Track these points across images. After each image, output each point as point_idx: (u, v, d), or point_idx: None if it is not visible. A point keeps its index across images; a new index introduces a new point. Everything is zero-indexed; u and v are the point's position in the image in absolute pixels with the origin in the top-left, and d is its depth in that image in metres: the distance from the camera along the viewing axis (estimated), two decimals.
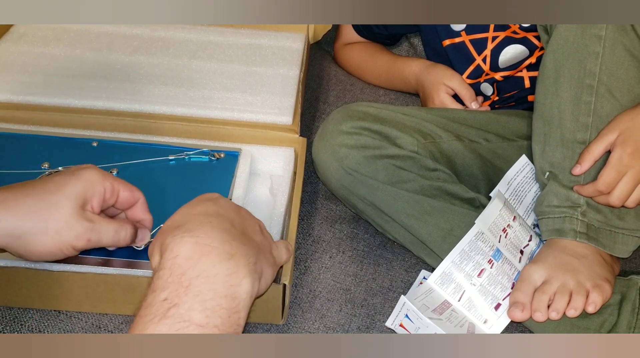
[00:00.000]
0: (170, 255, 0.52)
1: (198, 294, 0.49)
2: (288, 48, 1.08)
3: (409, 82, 1.12)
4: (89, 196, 0.62)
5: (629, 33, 0.74)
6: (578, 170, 0.76)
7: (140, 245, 0.69)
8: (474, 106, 1.02)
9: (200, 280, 0.50)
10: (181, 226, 0.54)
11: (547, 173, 0.80)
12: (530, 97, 1.02)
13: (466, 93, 1.02)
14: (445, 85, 1.03)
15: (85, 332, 0.70)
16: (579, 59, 0.76)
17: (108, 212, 0.68)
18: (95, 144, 0.84)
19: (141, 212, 0.69)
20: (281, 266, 0.69)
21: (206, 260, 0.51)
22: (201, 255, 0.52)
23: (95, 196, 0.62)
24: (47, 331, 0.69)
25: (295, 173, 0.87)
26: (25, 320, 0.70)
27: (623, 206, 0.76)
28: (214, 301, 0.49)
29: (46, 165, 0.79)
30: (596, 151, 0.75)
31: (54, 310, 0.71)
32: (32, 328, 0.69)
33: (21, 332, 0.69)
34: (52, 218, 0.59)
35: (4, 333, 0.68)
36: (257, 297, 0.56)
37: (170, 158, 0.83)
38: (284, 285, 0.69)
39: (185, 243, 0.52)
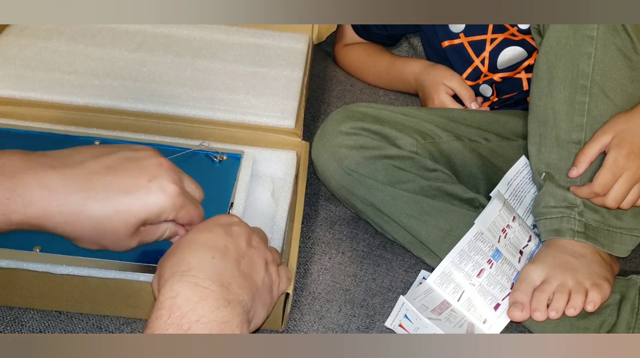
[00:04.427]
0: (170, 294, 0.52)
1: None
2: (292, 49, 1.08)
3: (408, 82, 1.12)
4: (154, 218, 0.58)
5: (620, 33, 0.75)
6: (574, 173, 0.77)
7: (173, 240, 0.64)
8: (473, 106, 1.02)
9: (198, 325, 0.51)
10: (182, 262, 0.54)
11: (544, 174, 0.80)
12: (529, 99, 1.03)
13: (466, 93, 1.03)
14: (445, 85, 1.03)
15: (86, 333, 0.70)
16: (571, 60, 0.76)
17: None
18: (97, 143, 0.84)
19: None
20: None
21: (205, 303, 0.52)
22: (200, 298, 0.52)
23: (154, 222, 0.59)
24: (48, 331, 0.69)
25: (297, 176, 0.87)
26: (25, 320, 0.70)
27: (620, 207, 0.76)
28: None
29: None
30: (591, 152, 0.76)
31: (55, 311, 0.72)
32: (33, 328, 0.70)
33: (22, 332, 0.69)
34: (105, 237, 0.56)
35: (4, 333, 0.68)
36: None
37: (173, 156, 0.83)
38: (287, 294, 0.69)
39: (185, 283, 0.53)
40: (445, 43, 1.04)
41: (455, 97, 1.04)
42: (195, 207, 0.61)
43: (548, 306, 0.74)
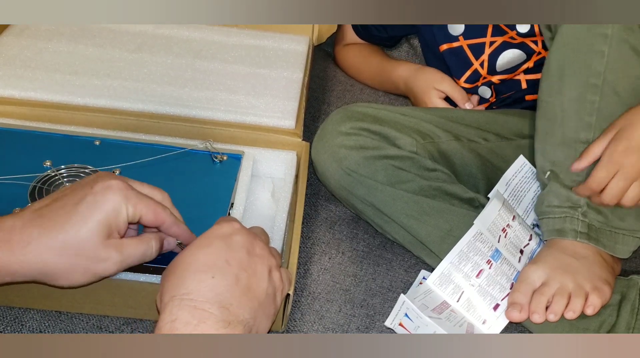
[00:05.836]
0: (169, 318, 0.53)
1: None
2: (292, 50, 1.08)
3: (398, 87, 1.12)
4: (113, 227, 0.59)
5: (634, 31, 0.73)
6: (576, 165, 0.76)
7: (166, 251, 0.67)
8: (467, 106, 1.02)
9: None
10: (181, 284, 0.55)
11: (548, 172, 0.80)
12: (527, 97, 1.03)
13: (458, 95, 1.02)
14: (436, 89, 1.03)
15: (86, 333, 0.70)
16: (584, 57, 0.75)
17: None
18: (97, 142, 0.84)
19: (169, 232, 0.65)
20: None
21: (204, 327, 0.52)
22: (199, 321, 0.52)
23: (120, 225, 0.60)
24: (48, 331, 0.69)
25: (297, 177, 0.87)
26: (26, 320, 0.70)
27: (621, 205, 0.76)
28: None
29: (48, 163, 0.79)
30: (596, 148, 0.75)
31: (55, 311, 0.72)
32: (33, 328, 0.70)
33: (22, 332, 0.69)
34: (81, 254, 0.58)
35: (4, 333, 0.68)
36: None
37: (172, 156, 0.83)
38: (288, 295, 0.68)
39: (184, 307, 0.53)
40: (444, 46, 1.04)
41: (448, 99, 1.04)
42: (154, 203, 0.61)
43: (547, 308, 0.74)
